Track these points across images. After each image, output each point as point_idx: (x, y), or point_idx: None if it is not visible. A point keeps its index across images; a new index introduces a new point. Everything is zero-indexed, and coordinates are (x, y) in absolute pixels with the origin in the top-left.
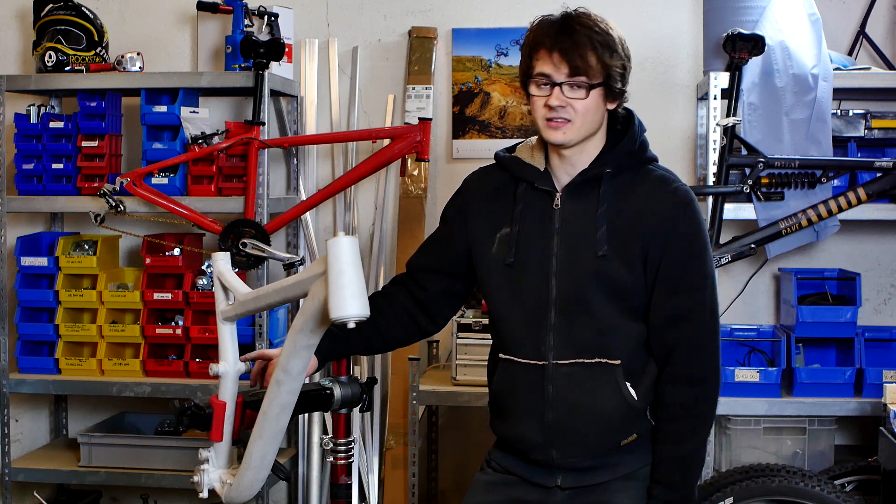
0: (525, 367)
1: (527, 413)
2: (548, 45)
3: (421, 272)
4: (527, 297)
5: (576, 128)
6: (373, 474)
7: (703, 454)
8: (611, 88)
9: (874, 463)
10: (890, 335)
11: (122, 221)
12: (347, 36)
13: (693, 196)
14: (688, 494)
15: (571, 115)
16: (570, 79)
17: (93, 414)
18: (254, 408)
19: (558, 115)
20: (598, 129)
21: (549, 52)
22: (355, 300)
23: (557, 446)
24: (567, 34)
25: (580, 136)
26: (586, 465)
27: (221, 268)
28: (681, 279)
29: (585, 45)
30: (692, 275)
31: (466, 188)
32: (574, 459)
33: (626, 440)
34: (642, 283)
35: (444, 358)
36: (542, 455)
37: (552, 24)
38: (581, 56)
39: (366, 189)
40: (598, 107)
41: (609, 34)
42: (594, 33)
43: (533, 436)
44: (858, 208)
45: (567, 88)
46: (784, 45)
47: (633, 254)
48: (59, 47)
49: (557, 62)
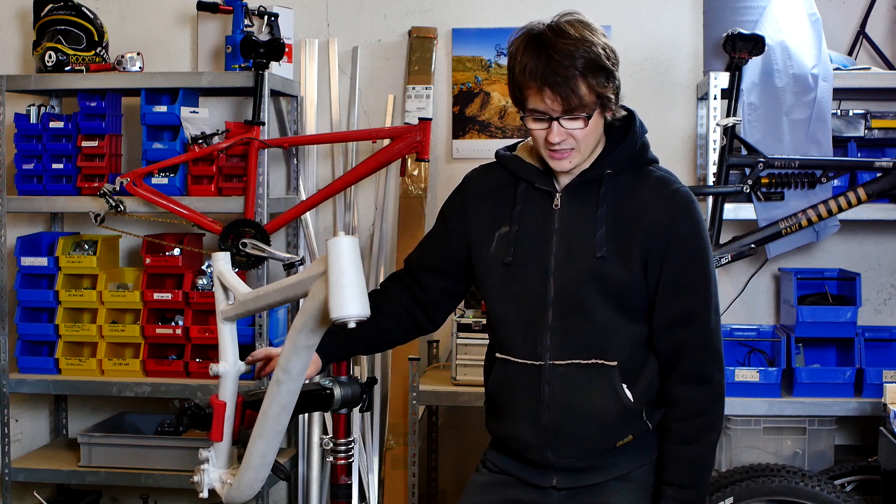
0: (521, 367)
1: (522, 413)
2: (537, 83)
3: (419, 271)
4: (524, 296)
5: (581, 153)
6: (373, 474)
7: (714, 453)
8: (607, 107)
9: (874, 463)
10: (890, 335)
11: (122, 221)
12: (347, 36)
13: (693, 198)
14: (701, 495)
15: (574, 143)
16: (564, 114)
17: (93, 414)
18: (254, 408)
19: (560, 147)
20: (600, 137)
21: (538, 90)
22: (355, 300)
23: (553, 447)
24: (553, 69)
25: (586, 156)
26: (582, 465)
27: (221, 268)
28: (684, 281)
29: (574, 77)
30: (695, 276)
31: (466, 186)
32: (569, 460)
33: (621, 441)
34: (641, 284)
35: (444, 358)
36: (537, 455)
37: (536, 57)
38: (573, 91)
39: (366, 189)
40: (597, 126)
41: (593, 48)
42: (579, 60)
43: (528, 436)
44: (858, 208)
45: (565, 121)
46: (784, 45)
47: (632, 255)
48: (59, 47)
49: (549, 98)
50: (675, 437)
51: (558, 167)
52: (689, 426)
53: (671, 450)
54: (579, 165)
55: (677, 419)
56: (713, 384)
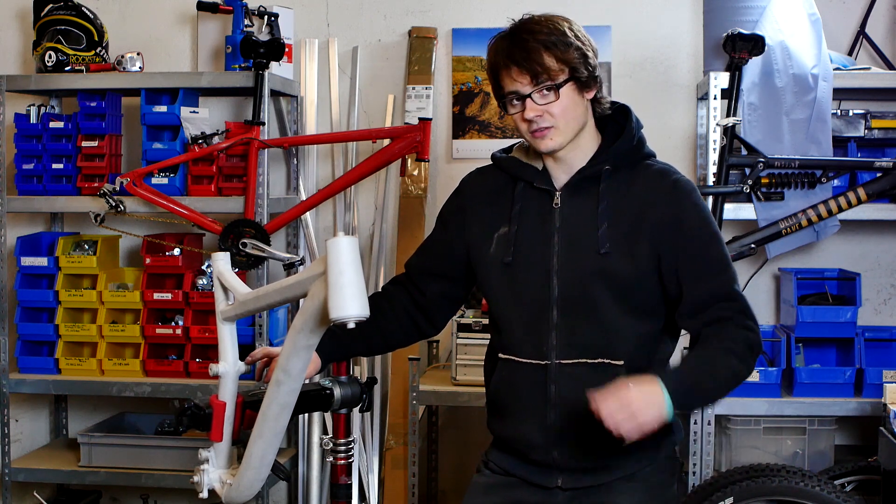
0: (526, 367)
1: (528, 413)
2: (504, 63)
3: (420, 275)
4: (527, 296)
5: (560, 130)
6: (373, 474)
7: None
8: (578, 79)
9: (874, 463)
10: (890, 335)
11: (122, 221)
12: (347, 36)
13: (693, 185)
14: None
15: (551, 120)
16: (534, 87)
17: (93, 414)
18: (254, 408)
19: (538, 125)
20: (584, 122)
21: (507, 69)
22: (355, 300)
23: (559, 447)
24: (518, 45)
25: (569, 136)
26: (587, 465)
27: (221, 268)
28: (705, 266)
29: (537, 49)
30: (714, 259)
31: (464, 189)
32: (575, 460)
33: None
34: (647, 278)
35: (444, 358)
36: (542, 456)
37: (503, 41)
38: (536, 61)
39: (366, 189)
40: (575, 102)
41: (558, 29)
42: (542, 35)
43: (534, 436)
44: (858, 208)
45: (537, 97)
46: (784, 45)
47: (639, 249)
48: (59, 47)
49: (517, 75)
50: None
51: (541, 147)
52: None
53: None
54: (575, 164)
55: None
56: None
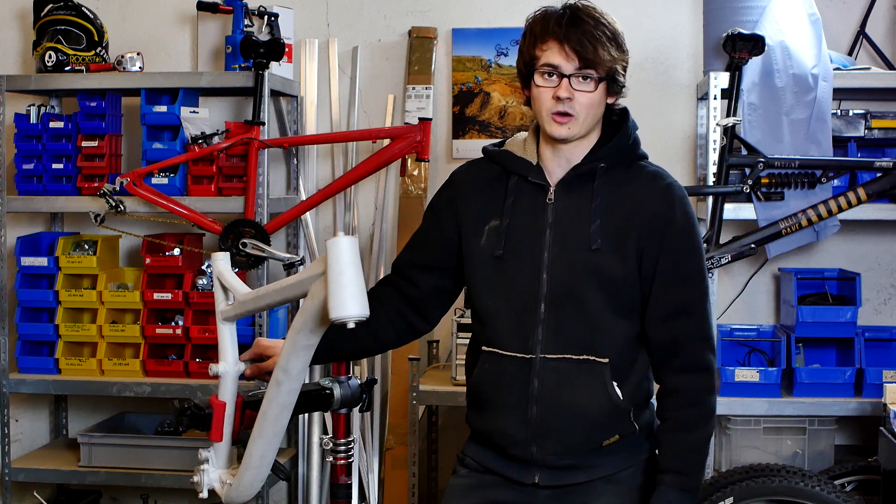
0: (511, 360)
1: (509, 407)
2: (559, 36)
3: (411, 269)
4: (516, 289)
5: (579, 123)
6: (373, 474)
7: (708, 445)
8: (615, 83)
9: (874, 463)
10: (890, 335)
11: (122, 221)
12: (347, 36)
13: (685, 192)
14: (698, 482)
15: (576, 109)
16: (580, 71)
17: (93, 414)
18: (254, 408)
19: (565, 108)
20: (597, 123)
21: (559, 42)
22: (355, 300)
23: (538, 442)
24: (577, 25)
25: (583, 131)
26: (565, 463)
27: (221, 268)
28: (680, 273)
29: (596, 38)
30: (691, 269)
31: (455, 179)
32: (554, 457)
33: (608, 441)
34: (635, 276)
35: (444, 358)
36: (521, 451)
37: (561, 15)
38: (593, 48)
39: (366, 189)
40: (601, 102)
41: (615, 28)
42: (603, 26)
43: (514, 430)
44: (858, 208)
45: (576, 81)
46: (784, 45)
47: (627, 248)
48: (59, 47)
49: (569, 53)
50: (676, 424)
51: (556, 132)
52: (691, 414)
53: (671, 437)
54: (573, 159)
55: (679, 407)
56: (710, 374)
